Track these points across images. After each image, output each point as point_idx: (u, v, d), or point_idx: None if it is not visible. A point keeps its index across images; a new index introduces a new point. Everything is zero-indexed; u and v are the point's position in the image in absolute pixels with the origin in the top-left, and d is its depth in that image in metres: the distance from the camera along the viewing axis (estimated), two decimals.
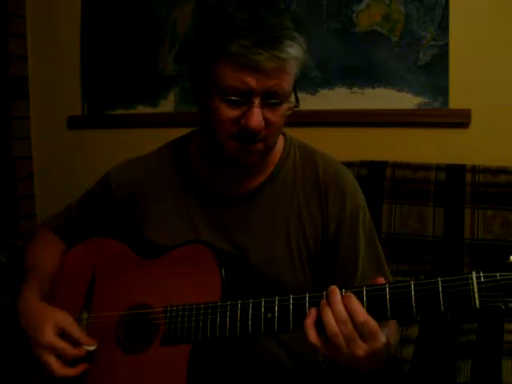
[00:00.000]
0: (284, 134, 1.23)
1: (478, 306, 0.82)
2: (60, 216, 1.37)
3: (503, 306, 0.81)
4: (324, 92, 1.97)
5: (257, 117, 1.02)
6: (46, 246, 1.31)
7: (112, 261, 1.20)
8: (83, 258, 1.24)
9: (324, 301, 0.92)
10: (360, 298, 0.90)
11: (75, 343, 1.09)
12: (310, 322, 0.91)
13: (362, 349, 0.88)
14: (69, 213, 1.35)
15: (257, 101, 1.02)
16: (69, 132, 2.37)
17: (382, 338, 0.89)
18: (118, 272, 1.18)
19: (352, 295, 0.90)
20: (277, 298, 0.97)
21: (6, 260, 1.74)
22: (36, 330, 1.09)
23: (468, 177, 1.66)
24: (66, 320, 1.10)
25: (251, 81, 1.00)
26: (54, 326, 1.09)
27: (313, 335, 0.91)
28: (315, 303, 0.93)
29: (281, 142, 1.21)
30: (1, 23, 2.27)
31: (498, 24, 1.77)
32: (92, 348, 1.10)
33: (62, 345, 1.07)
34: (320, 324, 0.91)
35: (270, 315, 0.96)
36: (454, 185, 1.67)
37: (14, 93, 2.34)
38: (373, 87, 1.91)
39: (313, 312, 0.92)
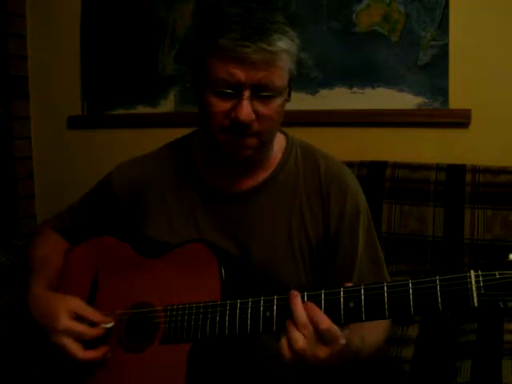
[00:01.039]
0: (286, 134, 1.23)
1: (476, 305, 0.82)
2: (62, 216, 1.37)
3: (502, 305, 0.81)
4: (324, 92, 1.97)
5: (246, 109, 1.02)
6: (50, 245, 1.31)
7: (114, 260, 1.21)
8: (86, 257, 1.25)
9: (288, 321, 0.93)
10: (358, 297, 0.90)
11: (91, 324, 1.09)
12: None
13: (324, 352, 0.91)
14: (71, 213, 1.36)
15: (246, 93, 1.02)
16: (69, 132, 2.37)
17: (342, 341, 0.90)
18: (120, 271, 1.18)
19: (312, 304, 0.92)
20: (275, 296, 0.97)
21: (6, 260, 1.73)
22: (51, 318, 1.09)
23: (468, 177, 1.66)
24: (77, 303, 1.11)
25: (239, 73, 1.00)
26: (67, 311, 1.09)
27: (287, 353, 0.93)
28: (313, 302, 0.93)
29: (283, 141, 1.21)
30: (1, 23, 2.27)
31: (498, 24, 1.77)
32: (109, 325, 1.10)
33: (79, 328, 1.08)
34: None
35: (268, 314, 0.96)
36: (454, 185, 1.67)
37: (14, 93, 2.34)
38: (373, 87, 1.91)
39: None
